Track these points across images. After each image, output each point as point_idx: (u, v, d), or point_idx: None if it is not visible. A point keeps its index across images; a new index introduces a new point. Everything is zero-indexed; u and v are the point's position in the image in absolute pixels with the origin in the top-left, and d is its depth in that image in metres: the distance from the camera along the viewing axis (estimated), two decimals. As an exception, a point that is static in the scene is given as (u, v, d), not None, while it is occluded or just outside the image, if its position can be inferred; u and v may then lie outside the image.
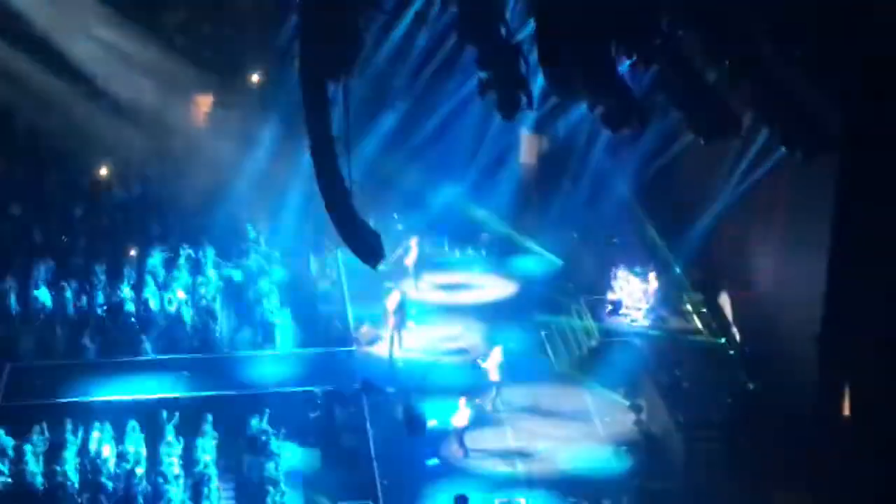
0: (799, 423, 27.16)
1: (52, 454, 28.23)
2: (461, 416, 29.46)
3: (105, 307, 33.51)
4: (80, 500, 27.08)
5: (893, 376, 25.01)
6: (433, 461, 29.36)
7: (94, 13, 37.76)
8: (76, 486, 27.44)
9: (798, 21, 23.96)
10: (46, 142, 38.59)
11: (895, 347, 24.90)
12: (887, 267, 24.91)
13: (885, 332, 25.16)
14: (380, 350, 33.40)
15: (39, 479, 27.53)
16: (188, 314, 33.37)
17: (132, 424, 28.82)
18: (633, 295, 33.85)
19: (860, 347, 25.69)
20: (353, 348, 33.20)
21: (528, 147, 40.51)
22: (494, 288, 37.15)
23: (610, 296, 34.11)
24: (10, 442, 28.21)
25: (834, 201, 25.91)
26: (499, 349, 31.52)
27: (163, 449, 28.40)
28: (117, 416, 29.25)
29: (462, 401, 29.65)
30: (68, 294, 33.65)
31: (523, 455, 29.18)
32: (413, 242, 36.87)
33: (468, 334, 34.41)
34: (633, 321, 33.64)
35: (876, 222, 25.10)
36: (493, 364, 31.31)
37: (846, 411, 26.84)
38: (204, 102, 40.80)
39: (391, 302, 33.57)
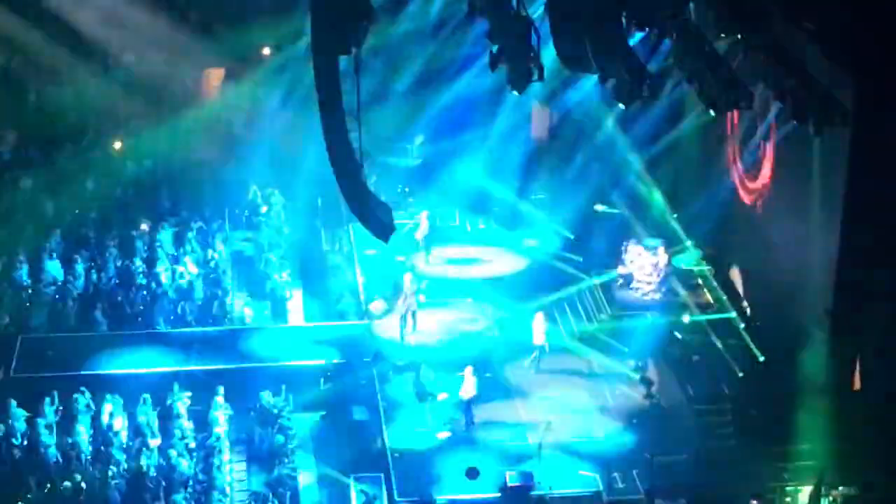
0: (809, 397, 27.16)
1: (64, 426, 28.35)
2: (468, 386, 29.48)
3: (116, 280, 33.61)
4: (92, 472, 27.18)
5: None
6: (444, 433, 29.42)
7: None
8: (88, 457, 27.56)
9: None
10: (58, 115, 38.60)
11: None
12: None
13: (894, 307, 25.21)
14: (391, 324, 33.36)
15: (52, 451, 27.63)
16: (199, 287, 33.43)
17: (144, 397, 28.91)
18: (644, 269, 33.84)
19: (871, 321, 25.70)
20: (365, 322, 33.24)
21: (538, 120, 40.45)
22: (505, 262, 37.11)
23: (620, 269, 34.09)
24: (22, 413, 28.32)
25: (846, 175, 25.86)
26: (541, 314, 31.56)
27: (174, 422, 28.51)
28: (129, 388, 29.36)
29: (468, 370, 29.65)
30: (80, 267, 33.76)
31: (534, 427, 29.21)
32: (423, 216, 36.85)
33: (478, 309, 34.38)
34: (643, 295, 33.64)
35: (889, 196, 25.08)
36: (538, 327, 31.41)
37: (857, 385, 26.88)
38: (216, 76, 40.78)
39: (406, 285, 33.34)
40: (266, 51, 40.85)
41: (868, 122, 24.68)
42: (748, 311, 32.14)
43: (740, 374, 29.86)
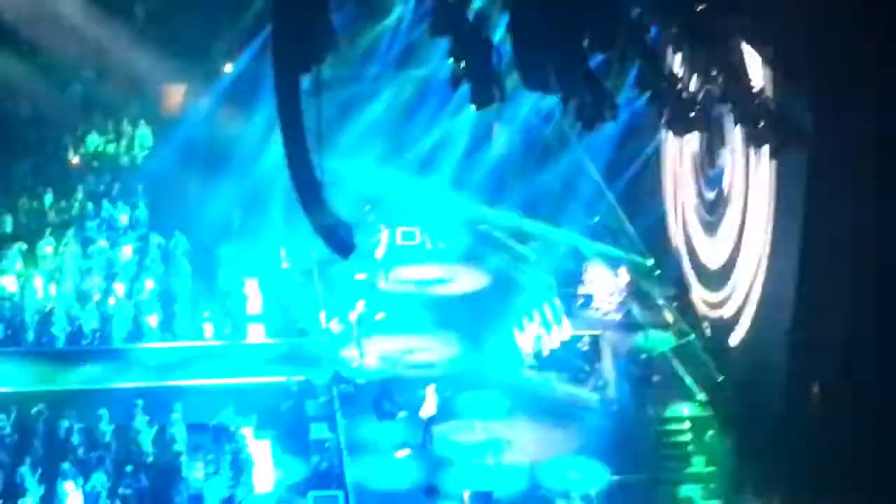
0: (769, 417, 27.27)
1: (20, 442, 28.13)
2: (429, 404, 29.44)
3: (74, 296, 33.37)
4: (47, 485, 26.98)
5: (860, 371, 25.19)
6: (403, 452, 29.37)
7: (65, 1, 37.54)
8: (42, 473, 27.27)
9: (770, 21, 24.08)
10: (17, 129, 38.40)
11: (862, 343, 25.08)
12: (856, 265, 25.06)
13: (852, 328, 25.33)
14: (350, 343, 33.28)
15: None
16: (156, 304, 33.20)
17: (102, 412, 28.71)
18: (605, 289, 33.91)
19: (828, 343, 25.82)
20: (325, 340, 33.13)
21: (501, 136, 40.49)
22: (466, 280, 37.16)
23: (581, 290, 34.15)
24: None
25: (804, 200, 25.97)
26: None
27: (132, 437, 28.34)
28: (87, 404, 29.15)
29: (430, 388, 29.64)
30: (37, 282, 33.51)
31: (493, 447, 29.17)
32: (383, 234, 36.79)
33: (438, 329, 34.33)
34: (604, 315, 33.68)
35: (845, 215, 25.22)
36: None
37: (815, 406, 26.99)
38: (175, 92, 40.62)
39: (354, 315, 33.22)
40: (226, 66, 40.72)
41: (826, 147, 24.79)
42: (708, 331, 32.21)
43: (700, 396, 29.93)
